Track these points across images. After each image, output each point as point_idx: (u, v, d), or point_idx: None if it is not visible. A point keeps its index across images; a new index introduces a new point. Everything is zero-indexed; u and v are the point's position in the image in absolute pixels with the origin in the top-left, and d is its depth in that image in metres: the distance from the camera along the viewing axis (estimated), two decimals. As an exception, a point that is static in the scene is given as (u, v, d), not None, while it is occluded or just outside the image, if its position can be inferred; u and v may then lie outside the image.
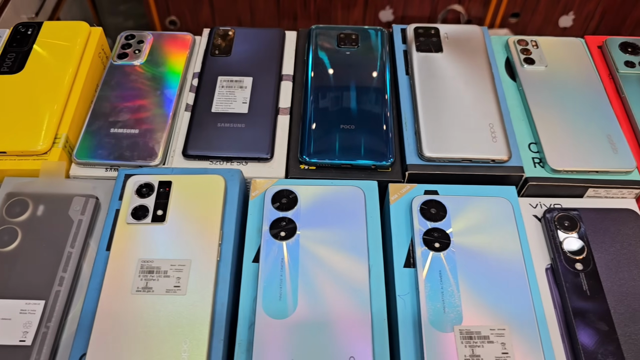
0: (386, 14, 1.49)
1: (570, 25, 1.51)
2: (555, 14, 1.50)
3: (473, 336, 0.43)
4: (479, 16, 1.52)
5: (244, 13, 1.49)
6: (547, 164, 0.52)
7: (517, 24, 1.53)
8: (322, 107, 0.56)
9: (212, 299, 0.44)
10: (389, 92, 0.57)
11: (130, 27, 1.70)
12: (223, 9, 1.47)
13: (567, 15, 1.49)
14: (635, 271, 0.48)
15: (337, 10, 1.50)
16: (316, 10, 1.49)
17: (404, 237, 0.49)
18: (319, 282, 0.45)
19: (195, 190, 0.49)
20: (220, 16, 1.49)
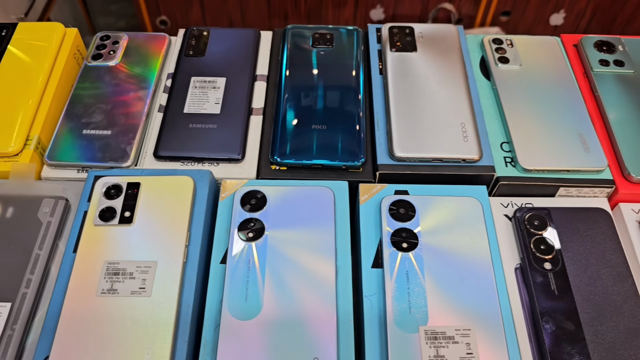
0: (377, 12, 1.49)
1: (562, 23, 1.51)
2: (546, 12, 1.50)
3: (438, 337, 0.43)
4: (470, 14, 1.52)
5: (235, 12, 1.49)
6: (518, 163, 0.52)
7: (508, 22, 1.52)
8: (295, 107, 0.55)
9: (177, 301, 0.44)
10: (362, 92, 0.57)
11: (122, 27, 1.70)
12: (214, 8, 1.47)
13: (557, 13, 1.49)
14: (604, 270, 0.47)
15: (328, 9, 1.50)
16: (307, 9, 1.49)
17: (373, 238, 0.49)
18: (286, 283, 0.45)
19: (164, 192, 0.49)
20: (211, 16, 1.49)
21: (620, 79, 0.59)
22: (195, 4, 1.47)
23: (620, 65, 0.60)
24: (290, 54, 0.60)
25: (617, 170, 0.53)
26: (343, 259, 0.48)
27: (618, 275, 0.47)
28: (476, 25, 1.55)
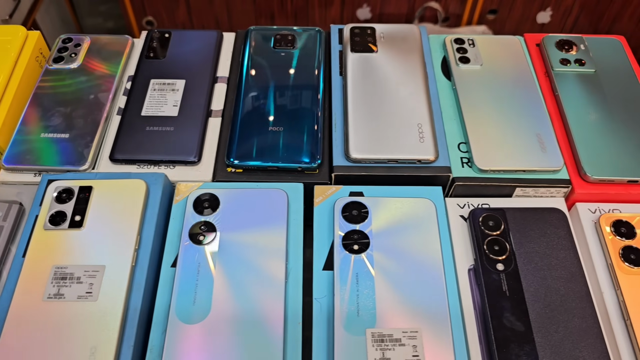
0: (364, 12, 1.48)
1: (548, 22, 1.51)
2: (532, 10, 1.50)
3: (385, 339, 0.43)
4: (457, 13, 1.52)
5: (221, 13, 1.48)
6: (474, 164, 0.52)
7: (495, 20, 1.52)
8: (252, 109, 0.55)
9: (124, 305, 0.44)
10: (321, 93, 0.57)
11: (110, 28, 1.70)
12: (200, 8, 1.47)
13: (544, 11, 1.49)
14: (557, 271, 0.47)
15: (315, 9, 1.50)
16: (293, 9, 1.49)
17: (326, 240, 0.49)
18: (235, 286, 0.45)
19: (116, 195, 0.49)
20: (197, 16, 1.48)
21: (580, 78, 0.59)
22: (181, 5, 1.46)
23: (581, 64, 0.59)
24: (251, 56, 0.60)
25: (574, 170, 0.53)
26: (294, 262, 0.47)
27: (570, 275, 0.47)
28: (463, 24, 1.55)
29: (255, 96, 0.56)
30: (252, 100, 0.56)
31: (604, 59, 0.60)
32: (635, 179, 0.52)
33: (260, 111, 0.55)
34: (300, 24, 1.51)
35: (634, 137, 0.54)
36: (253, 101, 0.56)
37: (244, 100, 0.56)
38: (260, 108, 0.55)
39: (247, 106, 0.55)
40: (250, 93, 0.57)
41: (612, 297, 0.47)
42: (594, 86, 0.58)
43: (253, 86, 0.57)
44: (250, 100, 0.56)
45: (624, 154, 0.53)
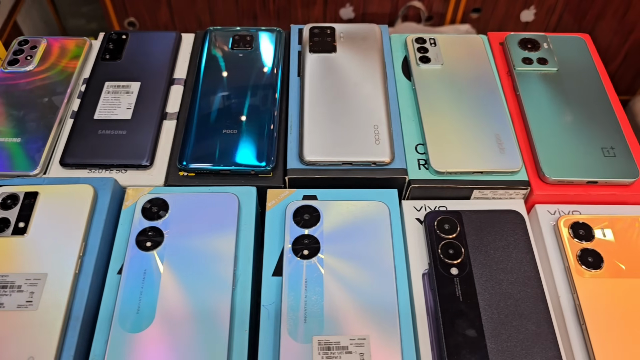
0: (347, 11, 1.48)
1: (532, 20, 1.50)
2: (516, 8, 1.49)
3: (331, 347, 0.42)
4: (440, 12, 1.51)
5: (203, 13, 1.47)
6: (430, 165, 0.51)
7: (479, 19, 1.52)
8: (207, 111, 0.54)
9: (65, 314, 0.43)
10: (278, 95, 0.56)
11: (94, 29, 1.69)
12: (182, 9, 1.46)
13: (528, 9, 1.48)
14: (512, 275, 0.46)
15: (297, 9, 1.49)
16: (276, 9, 1.48)
17: (277, 244, 0.48)
18: (180, 293, 0.44)
19: (62, 201, 0.48)
20: (179, 17, 1.47)
21: (542, 77, 0.58)
22: (163, 5, 1.45)
23: (544, 63, 0.59)
24: (208, 57, 0.59)
25: (533, 171, 0.52)
26: (244, 267, 0.46)
27: (526, 279, 0.46)
28: (446, 23, 1.54)
29: (211, 98, 0.55)
30: (207, 103, 0.55)
31: (567, 58, 0.59)
32: (595, 179, 0.51)
33: (214, 113, 0.54)
34: (282, 23, 1.50)
35: (594, 137, 0.53)
36: (208, 103, 0.55)
37: (199, 103, 0.55)
38: (214, 110, 0.54)
39: (201, 108, 0.54)
40: (206, 95, 0.56)
41: (569, 300, 0.46)
42: (556, 85, 0.57)
43: (208, 88, 0.56)
44: (205, 102, 0.55)
45: (584, 154, 0.52)
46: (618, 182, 0.51)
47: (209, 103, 0.55)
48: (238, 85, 0.56)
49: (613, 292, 0.46)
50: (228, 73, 0.57)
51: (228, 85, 0.56)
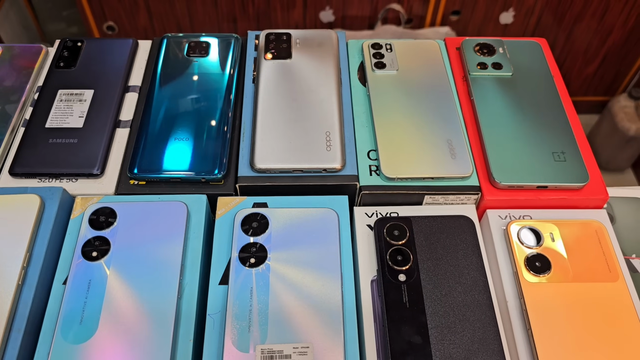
0: (326, 14, 1.48)
1: (511, 22, 1.51)
2: (495, 10, 1.50)
3: (274, 356, 0.42)
4: (420, 14, 1.52)
5: (183, 17, 1.47)
6: (381, 171, 0.51)
7: (459, 21, 1.52)
8: (158, 119, 0.54)
9: (6, 326, 0.42)
10: (232, 102, 0.56)
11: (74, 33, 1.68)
12: (161, 13, 1.46)
13: (507, 12, 1.49)
14: (460, 281, 0.47)
15: (277, 12, 1.49)
16: (255, 12, 1.48)
17: (225, 252, 0.48)
18: (124, 303, 0.44)
19: (7, 211, 0.48)
20: (159, 21, 1.47)
21: (496, 82, 0.58)
22: (142, 9, 1.45)
23: (498, 67, 0.59)
24: (164, 64, 0.59)
25: (484, 177, 0.52)
26: (191, 277, 0.46)
27: (474, 285, 0.47)
28: (426, 25, 1.55)
29: (163, 106, 0.55)
30: (160, 110, 0.55)
31: (522, 62, 0.60)
32: (545, 184, 0.51)
33: (167, 121, 0.54)
34: (262, 27, 1.50)
35: (545, 142, 0.53)
36: (160, 111, 0.55)
37: (151, 110, 0.55)
38: (167, 118, 0.54)
39: (153, 116, 0.54)
40: (158, 102, 0.55)
41: (516, 305, 0.46)
42: (510, 90, 0.57)
43: (162, 96, 0.56)
44: (158, 109, 0.55)
45: (535, 159, 0.52)
46: (568, 187, 0.51)
47: (161, 110, 0.55)
48: (192, 93, 0.56)
49: (559, 297, 0.46)
50: (182, 80, 0.57)
51: (182, 92, 0.56)
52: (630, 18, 1.52)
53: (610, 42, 1.58)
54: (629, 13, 1.51)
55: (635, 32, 1.54)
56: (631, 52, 1.60)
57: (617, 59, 1.62)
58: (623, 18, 1.52)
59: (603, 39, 1.57)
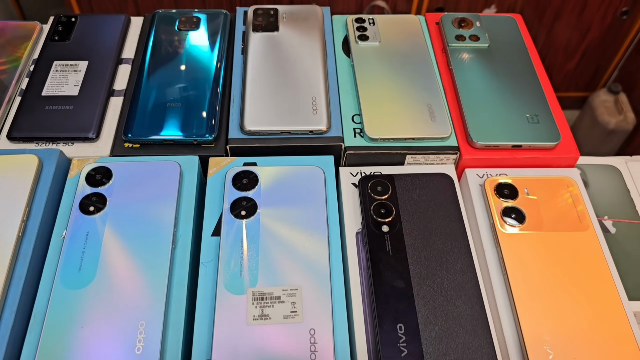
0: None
1: (493, 18, 1.54)
2: (478, 6, 1.54)
3: (265, 297, 0.44)
4: (404, 11, 1.55)
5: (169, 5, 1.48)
6: (365, 133, 0.54)
7: (441, 18, 1.55)
8: (151, 86, 0.56)
9: (7, 273, 0.44)
10: (222, 72, 0.58)
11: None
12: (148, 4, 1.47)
13: (489, 8, 1.53)
14: (439, 231, 0.49)
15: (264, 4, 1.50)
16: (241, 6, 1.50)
17: (217, 208, 0.50)
18: (121, 254, 0.46)
19: (6, 170, 0.50)
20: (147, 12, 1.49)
21: (473, 53, 0.61)
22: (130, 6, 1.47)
23: (475, 39, 0.62)
24: (155, 37, 0.61)
25: (462, 138, 0.55)
26: (184, 230, 0.48)
27: (452, 234, 0.49)
28: (410, 22, 1.57)
29: (156, 74, 0.57)
30: (152, 78, 0.57)
31: (499, 35, 0.63)
32: (519, 143, 0.54)
33: (159, 88, 0.56)
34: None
35: (519, 106, 0.56)
36: (153, 79, 0.57)
37: (145, 78, 0.57)
38: (159, 85, 0.56)
39: (146, 83, 0.56)
40: (151, 71, 0.58)
41: (493, 254, 0.49)
42: (486, 60, 0.60)
43: (154, 65, 0.58)
44: (151, 77, 0.57)
45: (509, 121, 0.55)
46: (541, 146, 0.54)
47: (154, 78, 0.57)
48: (182, 63, 0.59)
49: (533, 245, 0.49)
50: (174, 51, 0.60)
51: (173, 62, 0.59)
52: (608, 14, 1.56)
53: (589, 38, 1.62)
54: (606, 9, 1.55)
55: (612, 28, 1.58)
56: (609, 47, 1.64)
57: (596, 54, 1.66)
58: (601, 14, 1.55)
59: (582, 35, 1.61)
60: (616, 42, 1.63)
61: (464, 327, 0.44)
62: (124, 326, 0.42)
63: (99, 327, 0.42)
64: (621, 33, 1.61)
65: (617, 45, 1.65)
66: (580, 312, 0.45)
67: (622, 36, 1.63)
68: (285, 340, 0.42)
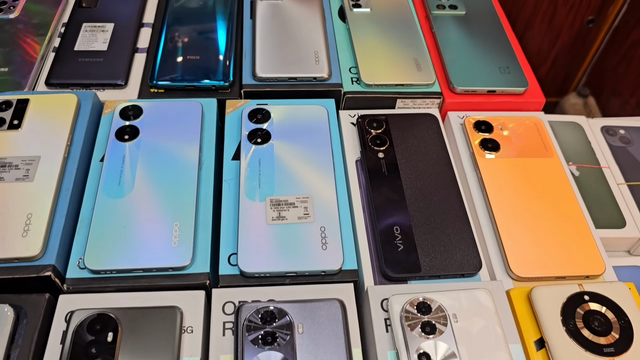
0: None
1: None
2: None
3: (281, 203, 0.51)
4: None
5: None
6: (361, 80, 0.62)
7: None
8: (173, 41, 0.64)
9: (57, 185, 0.51)
10: (233, 30, 0.66)
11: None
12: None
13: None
14: (427, 157, 0.57)
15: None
16: None
17: (235, 138, 0.57)
18: (155, 172, 0.53)
19: (51, 105, 0.57)
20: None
21: (453, 19, 0.70)
22: None
23: (454, 8, 0.71)
24: (173, 2, 0.69)
25: (445, 86, 0.64)
26: (208, 155, 0.56)
27: (438, 159, 0.57)
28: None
29: (176, 32, 0.65)
30: (173, 35, 0.65)
31: (474, 4, 0.72)
32: (493, 89, 0.63)
33: (180, 43, 0.64)
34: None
35: (493, 59, 0.65)
36: (173, 36, 0.65)
37: (166, 35, 0.65)
38: (179, 40, 0.64)
39: (167, 39, 0.64)
40: (171, 29, 0.66)
41: (474, 176, 0.57)
42: (463, 24, 0.70)
43: (174, 24, 0.66)
44: (171, 34, 0.65)
45: (484, 71, 0.64)
46: (512, 91, 0.63)
47: (174, 35, 0.65)
48: (199, 23, 0.67)
49: (507, 168, 0.57)
50: (190, 13, 0.68)
51: (190, 21, 0.67)
52: (576, 21, 1.66)
53: (559, 45, 1.71)
54: (574, 18, 1.65)
55: (580, 34, 1.68)
56: (578, 53, 1.74)
57: (566, 60, 1.75)
58: (569, 22, 1.66)
59: (552, 42, 1.71)
60: (584, 48, 1.72)
61: (448, 227, 0.52)
62: (161, 225, 0.49)
63: (140, 226, 0.49)
64: (588, 40, 1.71)
65: (585, 51, 1.74)
66: (547, 217, 0.53)
67: (589, 43, 1.73)
68: (301, 236, 0.50)
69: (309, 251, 0.48)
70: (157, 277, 0.47)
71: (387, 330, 0.45)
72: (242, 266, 0.47)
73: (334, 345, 0.43)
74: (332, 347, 0.43)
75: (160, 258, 0.47)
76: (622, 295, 0.48)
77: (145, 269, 0.47)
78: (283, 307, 0.45)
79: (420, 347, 0.43)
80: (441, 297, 0.46)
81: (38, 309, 0.45)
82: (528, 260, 0.50)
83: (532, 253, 0.51)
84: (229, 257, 0.49)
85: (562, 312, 0.46)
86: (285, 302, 0.45)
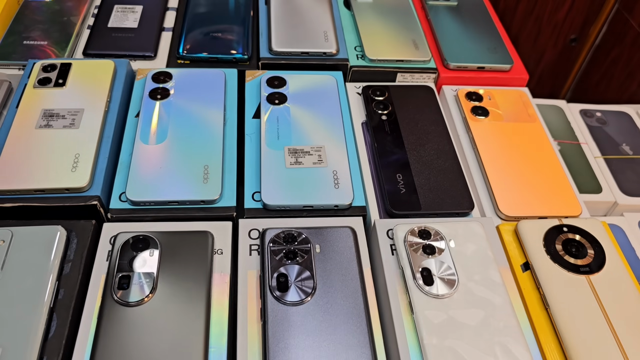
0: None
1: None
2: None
3: (297, 152, 0.58)
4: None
5: None
6: (365, 55, 0.70)
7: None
8: (197, 19, 0.72)
9: (100, 132, 0.58)
10: (250, 10, 0.74)
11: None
12: None
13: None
14: (424, 120, 0.65)
15: None
16: None
17: (254, 101, 0.65)
18: (184, 125, 0.60)
19: (91, 68, 0.64)
20: None
21: (446, 7, 0.79)
22: None
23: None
24: (197, -14, 0.77)
25: (439, 63, 0.72)
26: (230, 114, 0.63)
27: (435, 122, 0.65)
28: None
29: (198, 12, 0.73)
30: (197, 13, 0.73)
31: (464, -3, 0.81)
32: (482, 65, 0.71)
33: (202, 21, 0.72)
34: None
35: (482, 40, 0.73)
36: (197, 13, 0.73)
37: (189, 12, 0.73)
38: (202, 19, 0.72)
39: (192, 16, 0.72)
40: (194, 10, 0.73)
41: (466, 137, 0.65)
42: (456, 12, 0.78)
43: (196, 6, 0.74)
44: (195, 13, 0.73)
45: (474, 49, 0.72)
46: (499, 68, 0.71)
47: (197, 14, 0.73)
48: (221, 4, 0.74)
49: (496, 130, 0.65)
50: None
51: (212, 4, 0.74)
52: (559, 40, 1.76)
53: (543, 62, 1.80)
54: (558, 36, 1.75)
55: (564, 53, 1.78)
56: (562, 71, 1.83)
57: (550, 77, 1.84)
58: (553, 40, 1.75)
59: (537, 60, 1.80)
60: (567, 66, 1.81)
61: (444, 174, 0.59)
62: (193, 166, 0.56)
63: (174, 167, 0.56)
64: (571, 58, 1.80)
65: (568, 69, 1.82)
66: (529, 168, 0.61)
67: (572, 61, 1.81)
68: (315, 177, 0.56)
69: (323, 189, 0.55)
70: (189, 209, 0.54)
71: (392, 254, 0.52)
72: (265, 199, 0.54)
73: (347, 262, 0.50)
74: (346, 263, 0.50)
75: (193, 192, 0.54)
76: (596, 228, 0.55)
77: (179, 201, 0.53)
78: (302, 230, 0.51)
79: (421, 264, 0.50)
80: (439, 225, 0.53)
81: (86, 232, 0.51)
82: (514, 202, 0.58)
83: (518, 196, 0.58)
84: (253, 194, 0.56)
85: (545, 239, 0.53)
86: (304, 228, 0.52)
